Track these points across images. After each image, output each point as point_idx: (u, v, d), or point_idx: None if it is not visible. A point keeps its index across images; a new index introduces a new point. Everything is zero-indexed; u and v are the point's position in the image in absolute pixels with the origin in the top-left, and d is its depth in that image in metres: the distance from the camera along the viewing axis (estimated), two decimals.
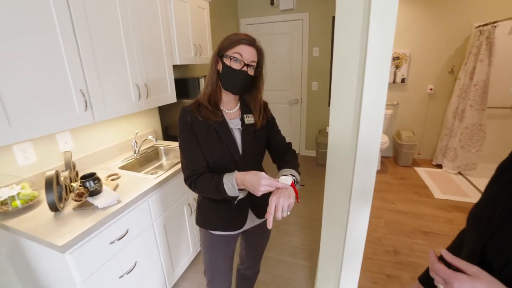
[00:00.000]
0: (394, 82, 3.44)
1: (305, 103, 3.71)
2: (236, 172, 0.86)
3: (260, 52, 0.92)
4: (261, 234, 1.17)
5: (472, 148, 2.98)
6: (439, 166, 3.37)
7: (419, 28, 3.18)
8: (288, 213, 0.78)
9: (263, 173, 0.81)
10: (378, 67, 1.00)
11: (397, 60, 3.35)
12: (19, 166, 1.22)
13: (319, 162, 3.59)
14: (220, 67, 0.91)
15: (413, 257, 1.90)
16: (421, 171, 3.27)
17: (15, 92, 0.95)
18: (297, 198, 0.84)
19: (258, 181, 0.79)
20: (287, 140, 1.14)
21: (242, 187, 0.84)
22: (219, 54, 0.89)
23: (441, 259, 0.48)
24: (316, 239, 2.07)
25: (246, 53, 0.87)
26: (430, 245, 2.01)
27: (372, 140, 1.10)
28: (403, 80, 3.41)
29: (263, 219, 1.08)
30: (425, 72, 3.32)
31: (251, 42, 0.88)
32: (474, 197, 2.61)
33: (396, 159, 3.57)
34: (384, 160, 3.66)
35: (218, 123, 0.93)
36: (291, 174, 0.89)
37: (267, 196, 1.06)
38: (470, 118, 2.92)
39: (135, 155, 1.76)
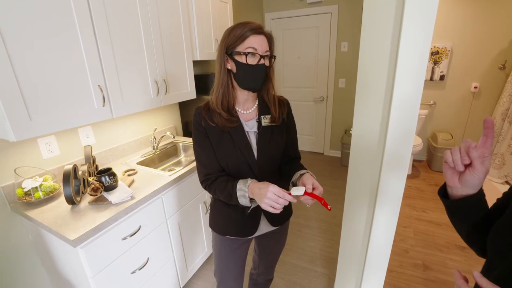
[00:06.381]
0: (431, 79, 3.14)
1: (331, 101, 3.53)
2: (250, 180, 0.80)
3: (270, 39, 0.83)
4: (275, 241, 1.10)
5: None
6: None
7: (465, 18, 2.84)
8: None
9: (273, 185, 0.74)
10: (412, 61, 0.88)
11: (436, 55, 3.04)
12: (43, 158, 1.27)
13: (344, 164, 3.41)
14: (231, 66, 0.83)
15: (446, 275, 1.71)
16: None
17: (34, 88, 0.97)
18: (325, 204, 0.75)
19: (265, 190, 0.72)
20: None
21: (252, 196, 0.79)
22: (227, 52, 0.82)
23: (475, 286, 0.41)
24: (338, 246, 1.95)
25: (259, 44, 0.79)
26: (467, 262, 1.80)
27: (403, 143, 0.98)
28: (442, 77, 3.09)
29: (277, 226, 1.01)
30: (470, 68, 2.97)
31: (259, 30, 0.79)
32: None
33: (430, 164, 3.27)
34: (416, 164, 3.37)
35: (233, 128, 0.87)
36: (306, 173, 0.84)
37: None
38: None
39: (154, 150, 1.77)
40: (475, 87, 2.99)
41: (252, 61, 0.80)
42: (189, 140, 1.99)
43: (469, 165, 0.49)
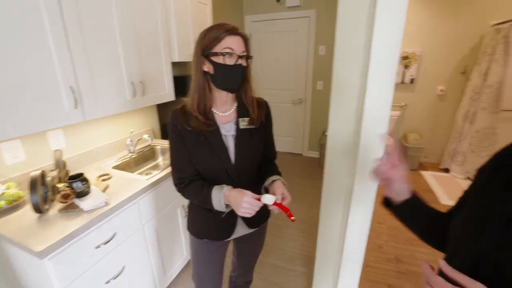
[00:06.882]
0: (402, 82, 3.32)
1: (310, 102, 3.62)
2: (225, 187, 0.82)
3: (246, 40, 0.83)
4: (253, 243, 1.10)
5: (483, 152, 2.85)
6: (447, 170, 3.25)
7: (431, 27, 3.04)
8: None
9: (248, 192, 0.77)
10: (383, 66, 0.93)
11: (406, 60, 3.23)
12: (7, 164, 1.19)
13: (323, 164, 3.50)
14: (208, 67, 0.82)
15: (415, 266, 1.82)
16: (428, 175, 3.16)
17: None
18: (290, 215, 0.78)
19: (241, 199, 0.75)
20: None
21: (228, 203, 0.81)
22: (204, 54, 0.81)
23: (440, 273, 0.44)
24: (315, 246, 2.01)
25: (236, 45, 0.79)
26: (433, 253, 1.90)
27: (376, 143, 1.03)
28: (412, 81, 3.29)
29: (255, 229, 1.02)
30: (436, 72, 3.19)
31: (235, 31, 0.79)
32: None
33: None
34: None
35: (209, 131, 0.86)
36: (277, 180, 0.88)
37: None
38: (482, 121, 2.80)
39: (130, 154, 1.71)
40: (441, 90, 3.21)
41: (229, 61, 0.79)
42: (167, 143, 1.94)
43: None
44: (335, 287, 1.32)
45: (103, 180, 1.36)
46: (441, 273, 0.43)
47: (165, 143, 1.93)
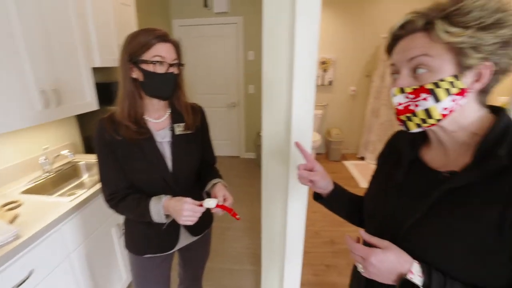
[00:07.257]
0: (322, 84, 3.76)
1: (243, 106, 3.75)
2: (163, 197, 0.80)
3: (177, 47, 0.82)
4: (199, 250, 1.09)
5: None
6: (363, 158, 3.84)
7: (341, 36, 3.55)
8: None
9: (187, 199, 0.77)
10: (305, 69, 1.06)
11: (324, 64, 3.67)
12: None
13: (259, 164, 3.66)
14: (138, 74, 0.78)
15: (346, 244, 2.09)
16: (349, 164, 3.67)
17: None
18: (234, 214, 0.81)
19: (181, 207, 0.74)
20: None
21: (168, 213, 0.79)
22: (132, 60, 0.77)
23: (364, 243, 0.55)
24: (260, 242, 2.10)
25: (166, 52, 0.77)
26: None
27: (303, 140, 1.16)
28: (330, 83, 3.75)
29: (199, 236, 1.01)
30: (348, 75, 3.73)
31: (166, 37, 0.77)
32: None
33: (328, 155, 3.92)
34: (318, 157, 3.96)
35: (143, 139, 0.82)
36: (218, 183, 0.90)
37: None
38: (384, 115, 3.41)
39: (46, 174, 1.47)
40: (353, 90, 3.77)
41: (160, 69, 0.77)
42: (93, 157, 1.74)
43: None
44: (282, 276, 1.43)
45: (10, 209, 1.14)
46: (366, 243, 0.54)
47: (90, 158, 1.72)
